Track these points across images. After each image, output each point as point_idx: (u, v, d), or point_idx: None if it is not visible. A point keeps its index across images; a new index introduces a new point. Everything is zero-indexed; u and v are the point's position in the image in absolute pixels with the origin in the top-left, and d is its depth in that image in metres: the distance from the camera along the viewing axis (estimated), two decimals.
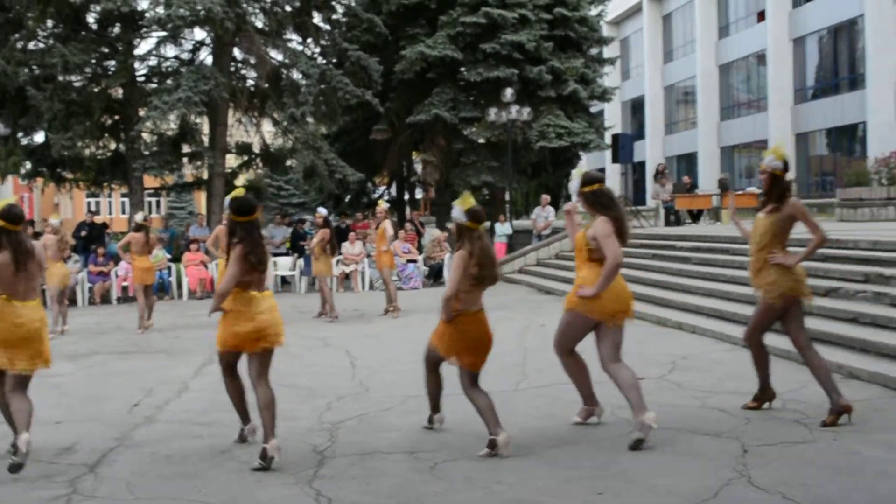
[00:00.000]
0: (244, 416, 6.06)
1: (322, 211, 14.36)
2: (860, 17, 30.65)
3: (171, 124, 22.81)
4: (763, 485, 4.70)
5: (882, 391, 6.75)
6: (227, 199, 5.87)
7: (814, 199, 31.58)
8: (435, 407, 6.16)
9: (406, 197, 30.55)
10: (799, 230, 6.27)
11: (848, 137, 32.53)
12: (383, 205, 14.48)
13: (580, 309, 5.87)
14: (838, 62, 33.48)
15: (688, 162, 43.22)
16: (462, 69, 24.20)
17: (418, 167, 27.66)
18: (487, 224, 19.29)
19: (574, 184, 6.00)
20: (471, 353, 5.64)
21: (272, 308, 5.75)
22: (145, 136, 22.30)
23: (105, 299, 17.72)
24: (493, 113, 22.17)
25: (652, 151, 45.49)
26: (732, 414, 6.26)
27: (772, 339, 8.76)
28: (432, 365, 5.95)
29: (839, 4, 32.11)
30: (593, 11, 26.51)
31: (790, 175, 6.42)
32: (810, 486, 4.65)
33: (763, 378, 6.58)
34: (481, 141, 25.27)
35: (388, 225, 13.98)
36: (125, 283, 17.45)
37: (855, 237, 11.29)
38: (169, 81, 21.15)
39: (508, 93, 21.94)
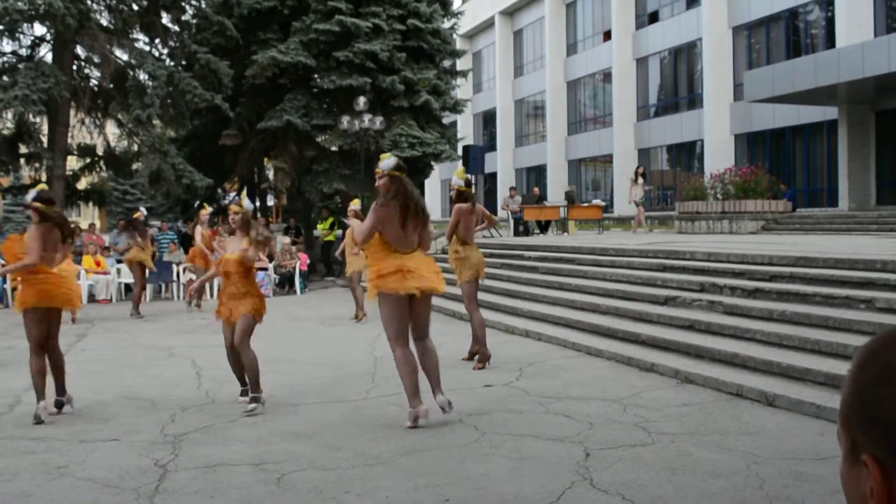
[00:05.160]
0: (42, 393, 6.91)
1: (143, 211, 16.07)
2: (699, 41, 32.23)
3: (7, 123, 21.70)
4: (604, 487, 4.84)
5: (715, 395, 7.08)
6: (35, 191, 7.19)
7: (655, 212, 32.98)
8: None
9: (257, 204, 30.05)
10: None
11: (687, 154, 34.11)
12: (356, 204, 13.73)
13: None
14: (678, 82, 35.09)
15: (537, 174, 44.31)
16: (315, 76, 24.02)
17: (270, 174, 27.27)
18: (339, 232, 19.08)
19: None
20: None
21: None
22: None
23: None
24: (345, 121, 22.08)
25: (503, 163, 46.44)
26: (576, 419, 6.43)
27: (609, 345, 9.08)
28: None
29: (679, 28, 33.69)
30: (446, 24, 26.82)
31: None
32: (648, 487, 4.82)
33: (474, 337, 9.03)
34: (334, 149, 25.16)
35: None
36: None
37: (692, 248, 11.83)
38: (5, 78, 20.10)
39: (361, 101, 21.91)
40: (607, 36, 38.25)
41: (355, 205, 13.58)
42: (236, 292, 7.16)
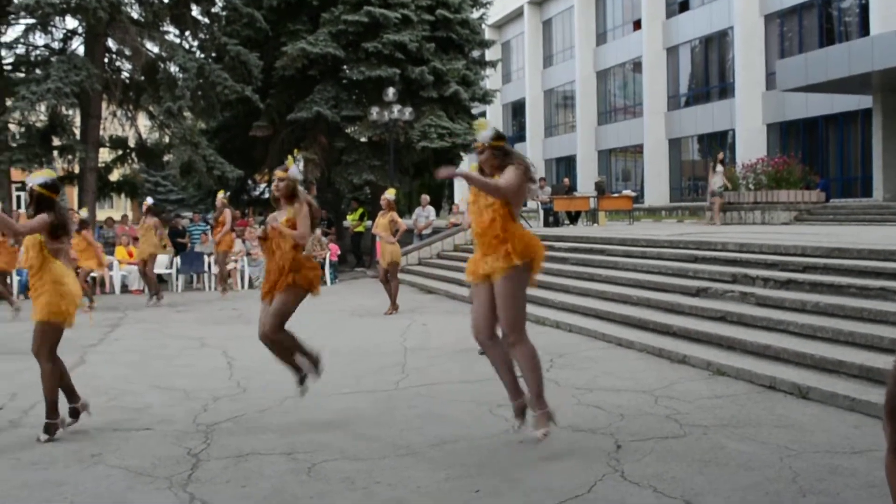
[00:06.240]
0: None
1: (149, 200, 16.55)
2: (730, 29, 31.91)
3: (40, 116, 21.94)
4: (636, 479, 4.82)
5: (747, 387, 7.02)
6: (43, 178, 6.08)
7: (686, 202, 32.78)
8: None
9: None
10: None
11: (718, 144, 33.82)
12: (391, 194, 13.76)
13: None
14: (709, 71, 34.78)
15: (567, 165, 44.14)
16: (344, 67, 24.08)
17: (300, 165, 27.39)
18: (369, 223, 19.17)
19: (485, 134, 5.49)
20: None
21: None
22: (12, 127, 21.34)
23: None
24: (375, 112, 22.12)
25: (532, 154, 46.26)
26: (607, 410, 6.40)
27: (640, 336, 9.03)
28: None
29: (710, 16, 33.37)
30: (475, 14, 26.77)
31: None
32: (680, 480, 4.79)
33: None
34: (363, 140, 25.19)
35: (395, 216, 13.42)
36: None
37: (723, 239, 11.74)
38: (38, 71, 20.37)
39: (390, 92, 21.94)
40: (637, 25, 37.98)
41: (390, 194, 13.64)
42: (282, 269, 6.36)
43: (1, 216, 6.11)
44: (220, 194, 17.03)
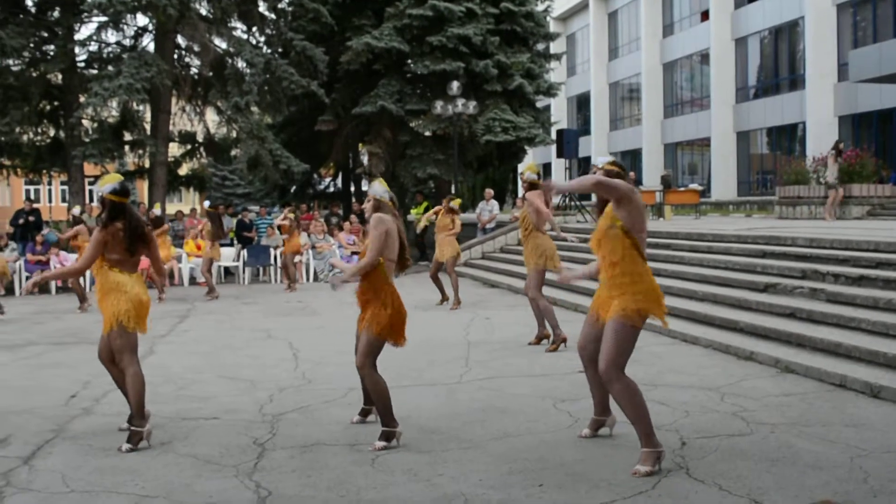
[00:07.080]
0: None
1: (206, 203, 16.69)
2: (801, 19, 31.21)
3: (112, 111, 22.49)
4: (700, 476, 4.76)
5: (817, 385, 6.89)
6: (111, 185, 5.81)
7: (754, 197, 32.18)
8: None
9: (352, 188, 30.42)
10: None
11: (787, 136, 33.14)
12: (456, 203, 13.85)
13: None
14: (779, 63, 34.07)
15: (632, 158, 43.67)
16: (408, 61, 24.16)
17: (364, 159, 27.58)
18: (433, 217, 19.28)
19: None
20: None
21: None
22: (85, 122, 21.92)
23: (43, 289, 17.32)
24: (439, 106, 22.16)
25: (597, 147, 45.90)
26: (672, 407, 6.34)
27: (706, 332, 8.91)
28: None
29: (780, 6, 32.67)
30: (539, 7, 26.63)
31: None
32: (746, 478, 4.72)
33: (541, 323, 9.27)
34: (427, 133, 25.27)
35: (457, 219, 13.54)
36: None
37: (793, 234, 11.52)
38: (110, 68, 20.82)
39: (455, 86, 21.95)
40: (705, 16, 37.36)
41: (455, 204, 13.70)
42: (360, 296, 5.73)
43: (55, 274, 6.31)
44: (287, 210, 17.73)
